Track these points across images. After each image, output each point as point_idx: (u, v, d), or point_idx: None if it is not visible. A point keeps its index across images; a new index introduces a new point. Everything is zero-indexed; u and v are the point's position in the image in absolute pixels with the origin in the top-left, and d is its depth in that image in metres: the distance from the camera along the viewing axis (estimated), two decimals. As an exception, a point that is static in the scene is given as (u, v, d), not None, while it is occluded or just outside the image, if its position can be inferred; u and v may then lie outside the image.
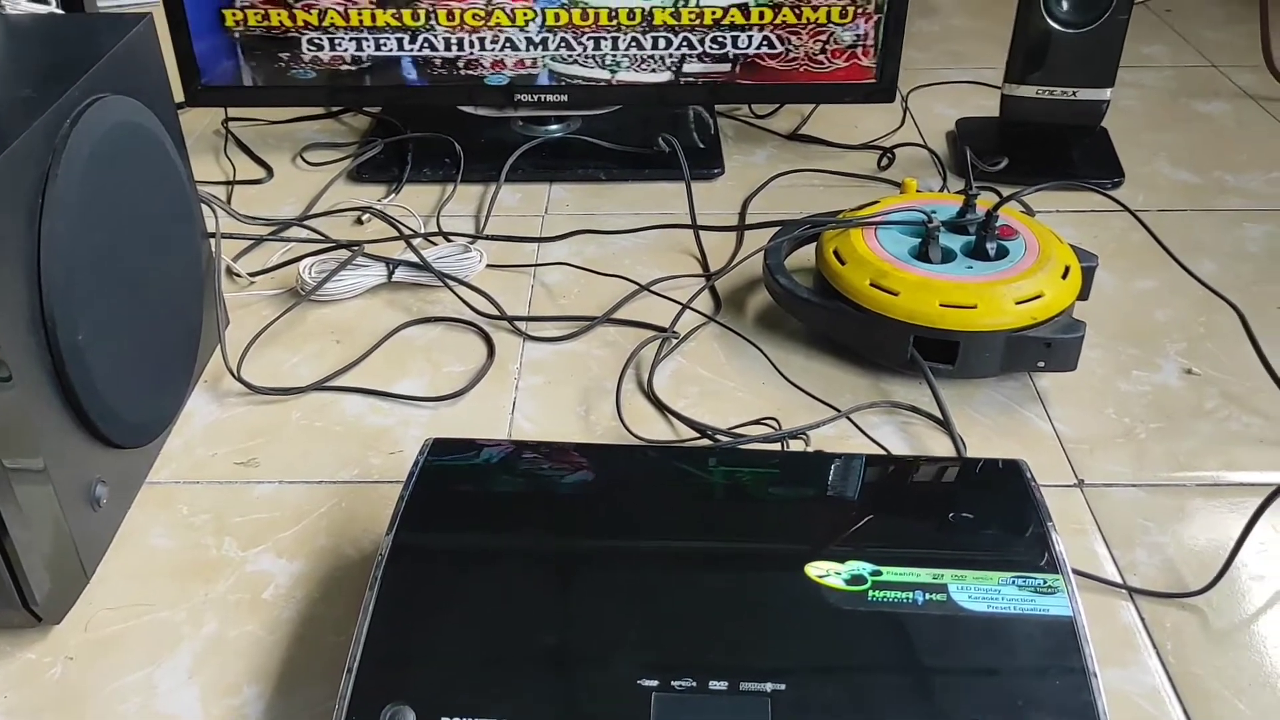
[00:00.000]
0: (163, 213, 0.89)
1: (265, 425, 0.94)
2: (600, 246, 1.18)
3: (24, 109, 0.73)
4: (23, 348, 0.71)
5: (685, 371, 1.00)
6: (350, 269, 1.09)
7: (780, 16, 1.23)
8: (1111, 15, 1.20)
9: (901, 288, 0.95)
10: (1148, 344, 1.02)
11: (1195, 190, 1.27)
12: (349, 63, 1.25)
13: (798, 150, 1.37)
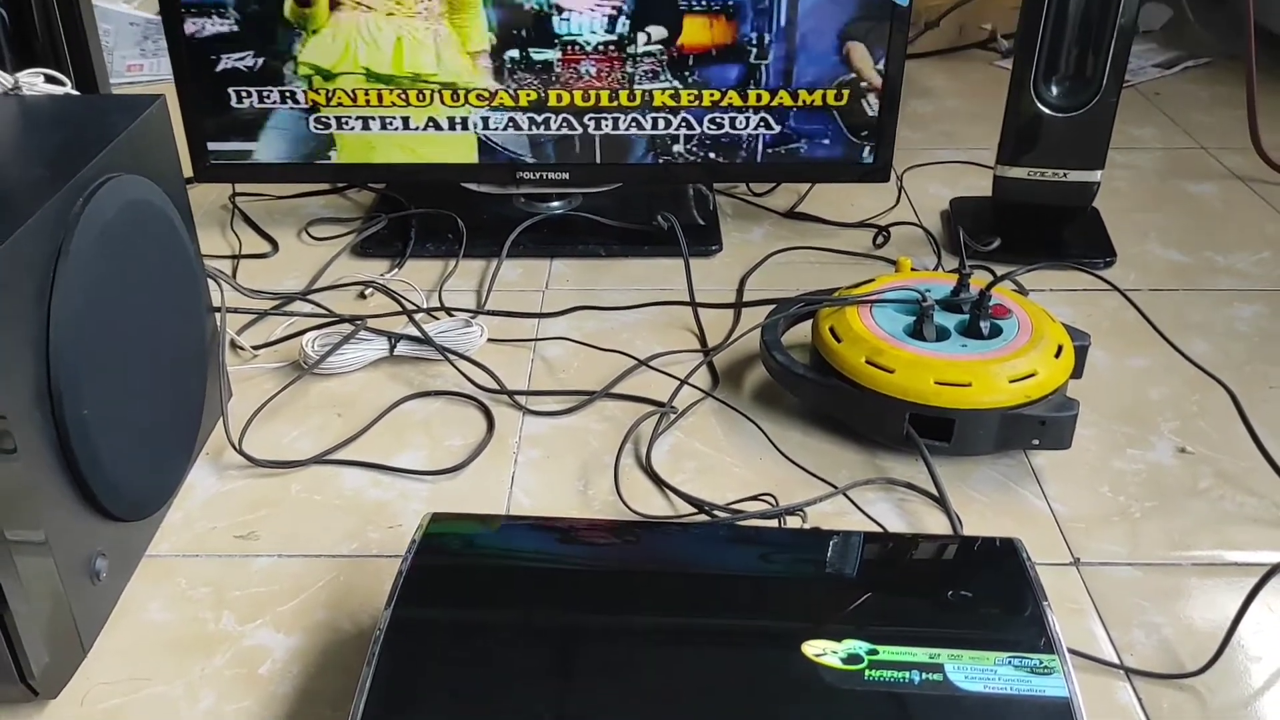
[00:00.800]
0: (170, 288, 0.91)
1: (265, 498, 0.95)
2: (600, 321, 1.20)
3: (39, 188, 0.75)
4: (29, 420, 0.72)
5: (683, 446, 1.01)
6: (353, 343, 1.10)
7: (777, 99, 1.26)
8: (1101, 99, 1.23)
9: (897, 365, 0.96)
10: (1141, 422, 1.03)
11: (1186, 270, 1.29)
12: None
13: (794, 228, 1.39)
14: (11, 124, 0.85)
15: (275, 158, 1.30)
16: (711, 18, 1.11)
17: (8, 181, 0.77)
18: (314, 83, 1.24)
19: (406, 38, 1.18)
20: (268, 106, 1.26)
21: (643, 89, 1.24)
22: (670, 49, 1.18)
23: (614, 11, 1.09)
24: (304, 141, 1.29)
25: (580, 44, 1.16)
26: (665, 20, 1.15)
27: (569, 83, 1.23)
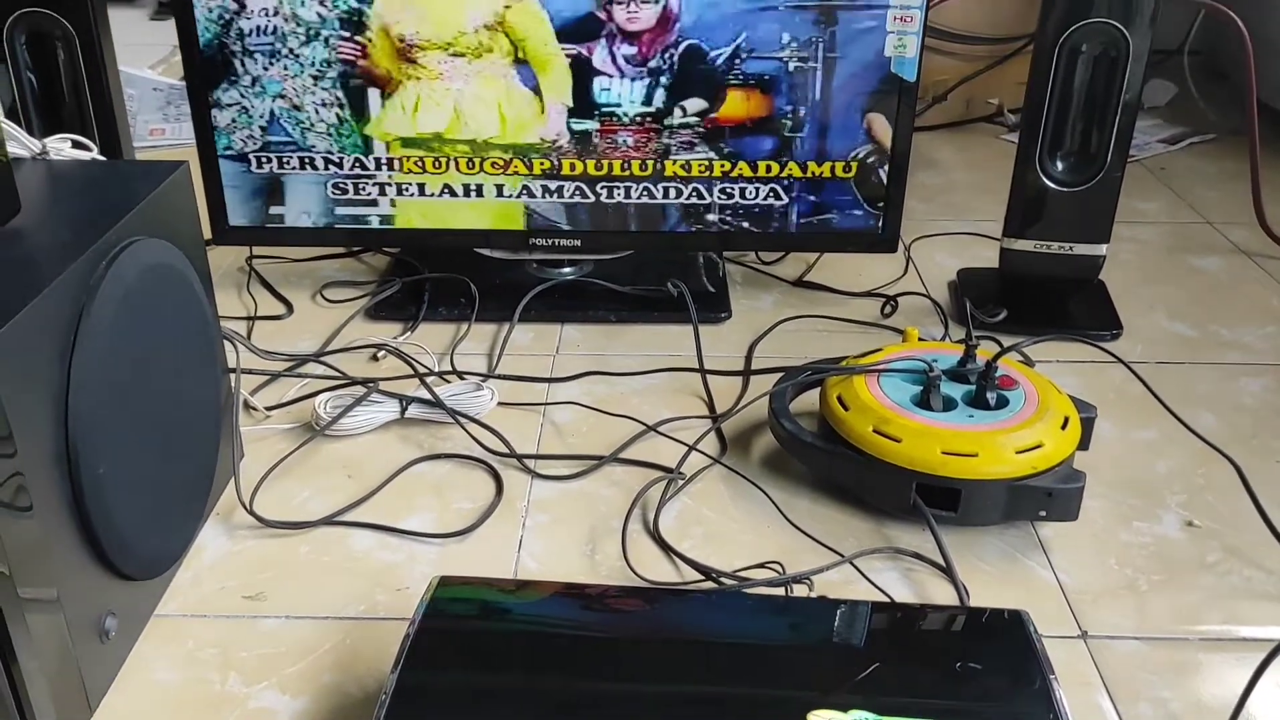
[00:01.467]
0: (187, 350, 0.92)
1: (274, 559, 0.95)
2: (609, 386, 1.21)
3: (63, 251, 0.76)
4: (46, 479, 0.73)
5: (691, 512, 1.01)
6: (364, 405, 1.12)
7: (787, 170, 1.28)
8: (1106, 174, 1.25)
9: (904, 435, 0.96)
10: (1148, 495, 1.04)
11: (1192, 343, 1.30)
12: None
13: (803, 296, 1.41)
14: (39, 188, 0.87)
15: (293, 222, 1.32)
16: (748, 91, 1.12)
17: (34, 245, 0.78)
18: (372, 148, 1.26)
19: (462, 105, 1.21)
20: (286, 172, 1.29)
21: (679, 160, 1.25)
22: (707, 121, 1.20)
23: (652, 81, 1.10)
24: (326, 206, 1.31)
25: (618, 115, 1.18)
26: (706, 93, 1.16)
27: (606, 152, 1.26)
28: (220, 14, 1.17)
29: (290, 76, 1.21)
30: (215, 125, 1.25)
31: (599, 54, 1.09)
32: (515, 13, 1.07)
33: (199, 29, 1.20)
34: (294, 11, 1.17)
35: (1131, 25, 1.18)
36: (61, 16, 1.19)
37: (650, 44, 1.04)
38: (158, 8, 2.68)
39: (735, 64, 1.10)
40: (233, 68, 1.22)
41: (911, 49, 1.23)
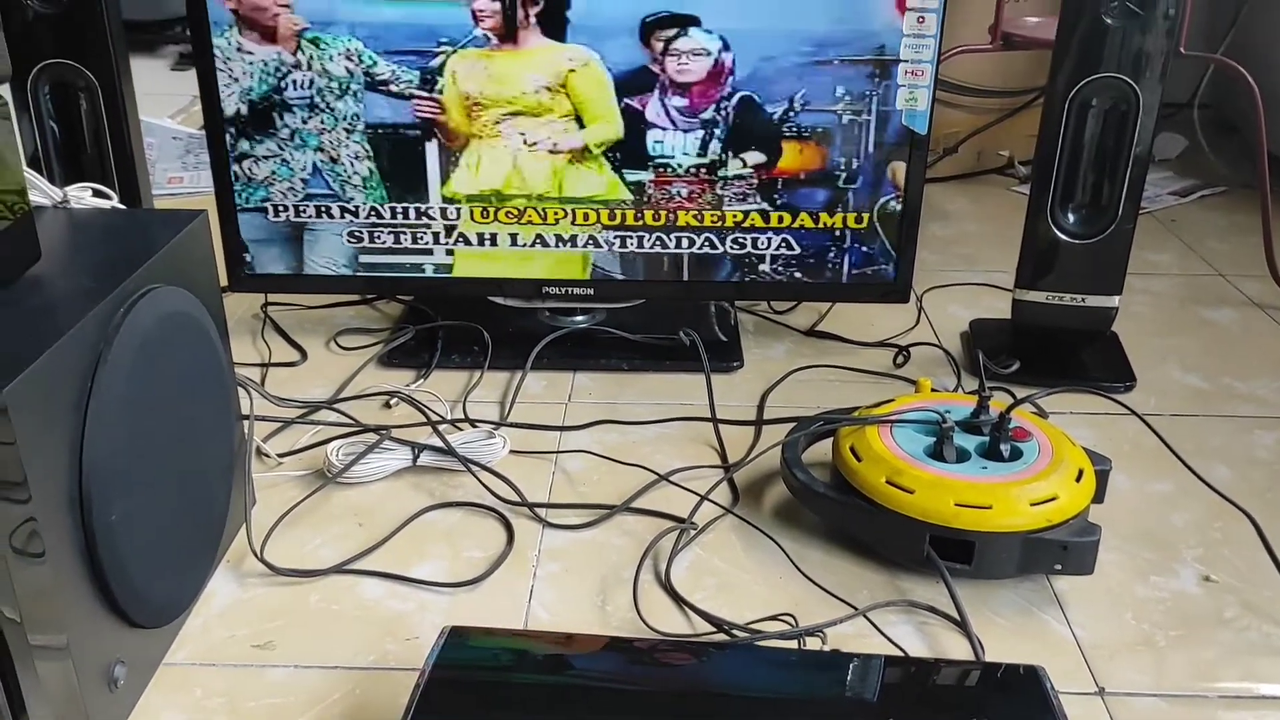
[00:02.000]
0: (202, 397, 0.93)
1: (284, 607, 0.95)
2: (621, 435, 1.21)
3: (81, 299, 0.77)
4: (58, 526, 0.73)
5: (703, 563, 1.01)
6: (376, 452, 1.12)
7: (799, 221, 1.29)
8: (1118, 226, 1.26)
9: (917, 486, 0.96)
10: (1164, 549, 1.03)
11: (1206, 396, 1.30)
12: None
13: (815, 346, 1.41)
14: (60, 236, 0.88)
15: (282, 267, 1.33)
16: (803, 143, 1.12)
17: (53, 292, 0.79)
18: (434, 199, 1.28)
19: (520, 161, 1.23)
20: (302, 221, 1.30)
21: (733, 210, 1.26)
22: (762, 173, 1.20)
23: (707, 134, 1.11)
24: (342, 254, 1.32)
25: (672, 166, 1.18)
26: (763, 146, 1.17)
27: (660, 203, 1.27)
28: (277, 68, 1.19)
29: (326, 130, 1.22)
30: (252, 178, 1.27)
31: (652, 107, 1.10)
32: (579, 76, 1.08)
33: (255, 81, 1.22)
34: (324, 67, 1.19)
35: (1141, 80, 1.19)
36: (85, 67, 1.21)
37: (701, 96, 1.04)
38: (179, 59, 2.72)
39: (790, 116, 1.10)
40: (271, 120, 1.24)
41: (923, 102, 1.24)
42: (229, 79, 1.22)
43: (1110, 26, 1.18)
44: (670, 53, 1.07)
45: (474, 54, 1.15)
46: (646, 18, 1.03)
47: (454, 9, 1.10)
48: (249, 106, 1.23)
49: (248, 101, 1.23)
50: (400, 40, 1.15)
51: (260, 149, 1.25)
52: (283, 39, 1.18)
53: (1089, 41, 1.19)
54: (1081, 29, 1.19)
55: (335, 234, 1.30)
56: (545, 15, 1.10)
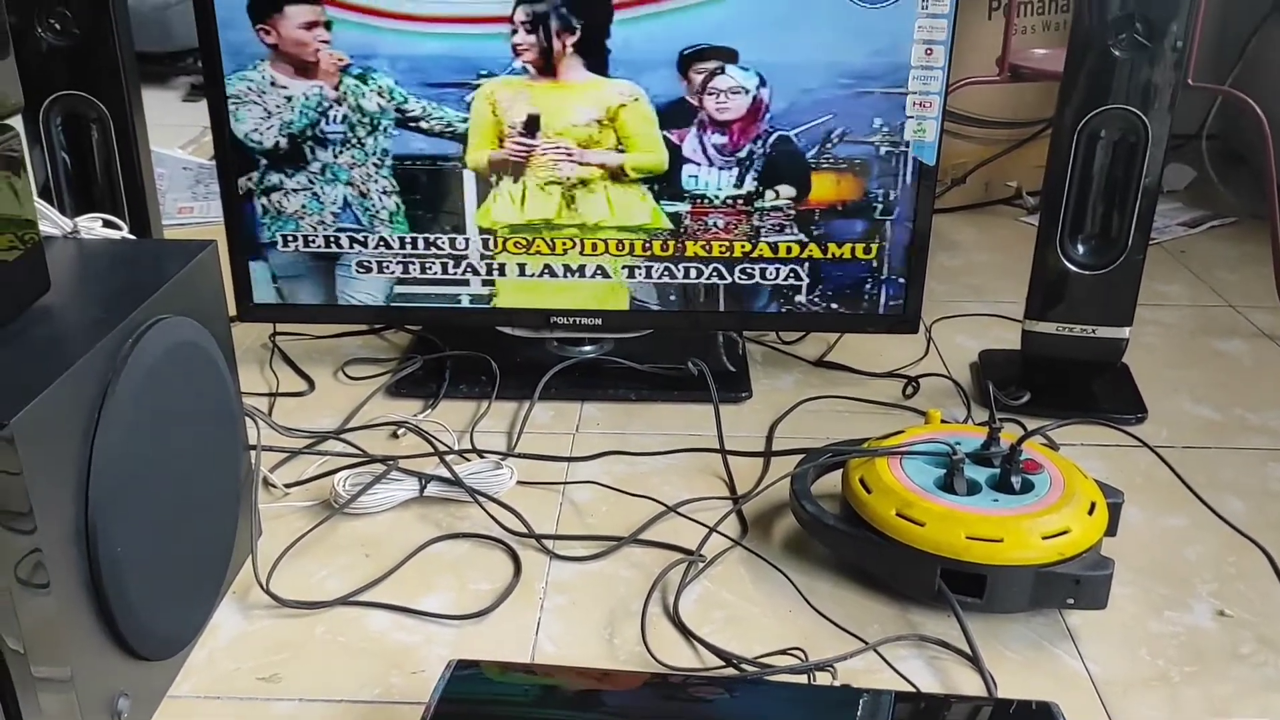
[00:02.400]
0: (209, 427, 0.92)
1: (290, 639, 0.94)
2: (629, 466, 1.20)
3: (90, 329, 0.77)
4: (63, 557, 0.72)
5: (711, 596, 1.00)
6: (383, 483, 1.11)
7: (807, 251, 1.29)
8: (1127, 257, 1.25)
9: (928, 518, 0.95)
10: (1178, 583, 1.02)
11: (1218, 427, 1.29)
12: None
13: (824, 376, 1.40)
14: (69, 266, 0.89)
15: (312, 299, 1.33)
16: (839, 175, 1.13)
17: (62, 322, 0.79)
18: (472, 231, 1.28)
19: (565, 188, 1.24)
20: (314, 250, 1.30)
21: (769, 241, 1.25)
22: (799, 204, 1.20)
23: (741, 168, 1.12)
24: (379, 287, 1.32)
25: (709, 198, 1.18)
26: (795, 179, 1.17)
27: (696, 234, 1.27)
28: (318, 102, 1.20)
29: (356, 165, 1.23)
30: (281, 210, 1.27)
31: (689, 142, 1.10)
32: (629, 110, 1.10)
33: (295, 115, 1.22)
34: (358, 102, 1.20)
35: (1150, 111, 1.19)
36: (97, 99, 1.22)
37: (740, 134, 1.04)
38: (190, 90, 2.74)
39: (827, 148, 1.10)
40: (304, 154, 1.24)
41: (931, 133, 1.24)
42: (263, 112, 1.22)
43: (1118, 58, 1.18)
44: (709, 90, 1.07)
45: (517, 83, 1.16)
46: (684, 50, 1.04)
47: (494, 42, 1.11)
48: (288, 140, 1.23)
49: (287, 135, 1.23)
50: (441, 73, 1.16)
51: (291, 182, 1.26)
52: (324, 74, 1.19)
53: (1097, 73, 1.19)
54: (1090, 61, 1.19)
55: (366, 266, 1.30)
56: (584, 47, 1.10)
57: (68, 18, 1.18)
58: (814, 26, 1.14)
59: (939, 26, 1.20)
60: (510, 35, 1.12)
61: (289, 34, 1.15)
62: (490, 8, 1.08)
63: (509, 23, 1.09)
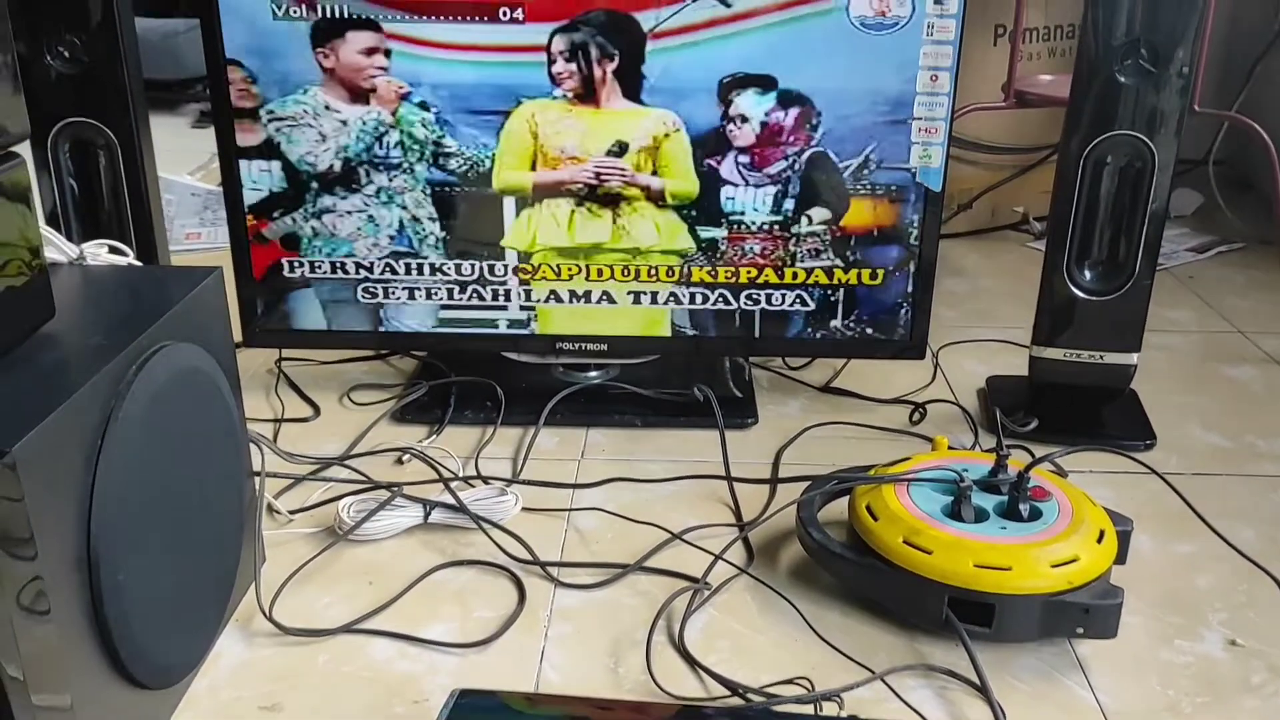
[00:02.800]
0: (212, 453, 0.92)
1: (292, 668, 0.93)
2: (634, 493, 1.19)
3: (93, 356, 0.77)
4: (65, 584, 0.72)
5: (717, 624, 0.99)
6: (388, 510, 1.11)
7: (813, 277, 1.29)
8: (1135, 283, 1.25)
9: (935, 546, 0.94)
10: (1189, 612, 1.01)
11: (1228, 454, 1.28)
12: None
13: (830, 402, 1.40)
14: (74, 293, 0.89)
15: (359, 326, 1.33)
16: (876, 200, 1.14)
17: (66, 349, 0.79)
18: (510, 257, 1.28)
19: (621, 217, 1.24)
20: (319, 276, 1.31)
21: (806, 266, 1.26)
22: (834, 229, 1.21)
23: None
24: (356, 310, 1.32)
25: (745, 223, 1.19)
26: (831, 203, 1.18)
27: (734, 259, 1.27)
28: (375, 126, 1.21)
29: (407, 189, 1.24)
30: (335, 233, 1.28)
31: (727, 165, 1.12)
32: (671, 141, 1.12)
33: (352, 139, 1.23)
34: (410, 131, 1.21)
35: (1156, 137, 1.19)
36: (105, 126, 1.22)
37: (764, 155, 1.06)
38: (199, 116, 2.76)
39: (863, 174, 1.11)
40: (358, 177, 1.25)
41: (936, 159, 1.24)
42: (318, 135, 1.23)
43: (1124, 85, 1.18)
44: (728, 118, 1.10)
45: (559, 106, 1.17)
46: (724, 78, 1.06)
47: (533, 70, 1.12)
48: (343, 164, 1.24)
49: (343, 159, 1.24)
50: (482, 101, 1.17)
51: (345, 204, 1.26)
52: (383, 100, 1.20)
53: (1103, 99, 1.19)
54: (1095, 87, 1.19)
55: (419, 293, 1.30)
56: (621, 75, 1.12)
57: (77, 45, 1.19)
58: (848, 53, 1.15)
59: (944, 53, 1.21)
60: (549, 64, 1.13)
61: (348, 59, 1.16)
62: (529, 37, 1.10)
63: (545, 52, 1.10)
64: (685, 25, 1.06)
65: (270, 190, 1.27)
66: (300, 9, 1.19)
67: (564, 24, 1.13)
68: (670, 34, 1.06)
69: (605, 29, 1.13)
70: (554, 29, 1.15)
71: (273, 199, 1.27)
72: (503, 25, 1.15)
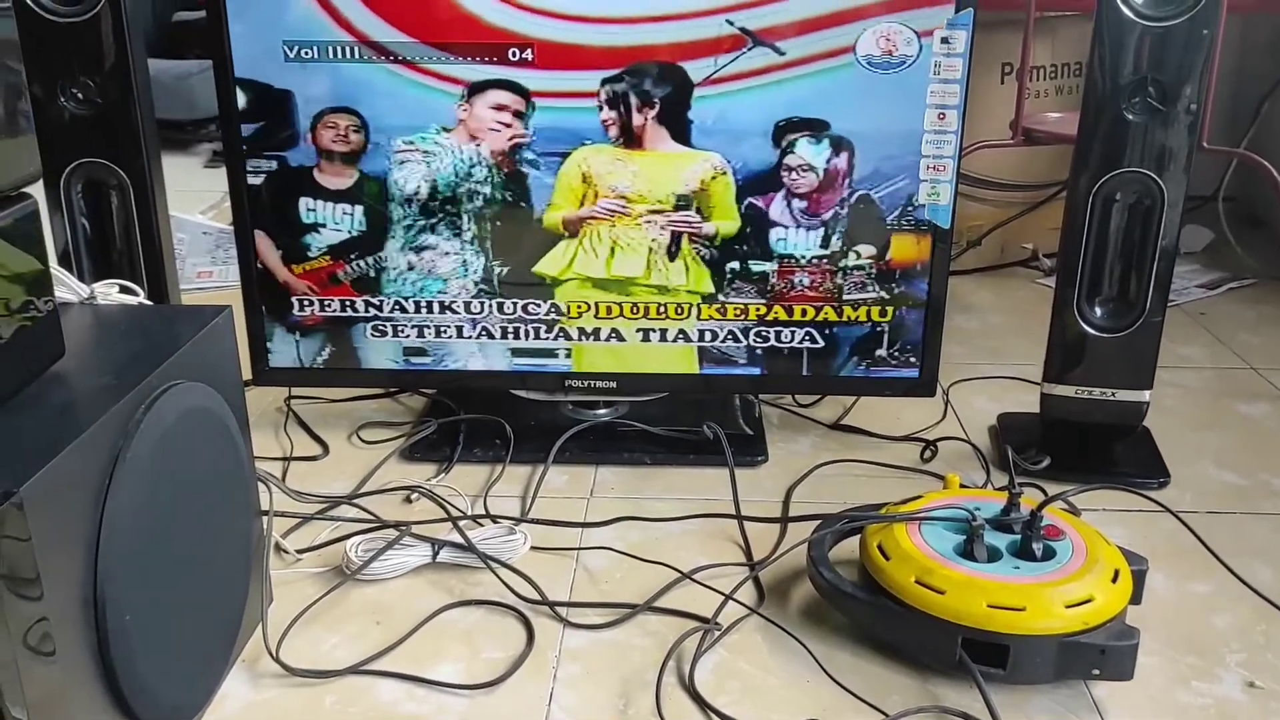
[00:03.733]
0: (220, 492, 0.92)
1: (298, 711, 0.93)
2: (644, 531, 1.19)
3: (102, 395, 0.77)
4: (71, 624, 0.72)
5: (727, 665, 0.98)
6: (396, 549, 1.10)
7: (823, 314, 1.28)
8: (1146, 320, 1.24)
9: (948, 586, 0.94)
10: (1206, 653, 0.99)
11: (1243, 492, 1.27)
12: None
13: (841, 439, 1.39)
14: (85, 332, 0.89)
15: (334, 363, 1.33)
16: (919, 236, 1.17)
17: (75, 388, 0.79)
18: (545, 292, 1.29)
19: (657, 252, 1.26)
20: (329, 314, 1.31)
21: (852, 299, 1.26)
22: (880, 263, 1.23)
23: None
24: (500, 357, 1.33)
25: (795, 257, 1.22)
26: (875, 239, 1.21)
27: (783, 293, 1.27)
28: (470, 158, 1.23)
29: (487, 237, 1.27)
30: (433, 272, 1.28)
31: (776, 206, 1.16)
32: (718, 182, 1.17)
33: (441, 166, 1.24)
34: (469, 170, 1.23)
35: (1165, 174, 1.19)
36: (118, 166, 1.23)
37: (819, 201, 1.10)
38: (211, 156, 2.78)
39: (908, 210, 1.15)
40: (457, 224, 1.26)
41: (945, 197, 1.24)
42: (427, 171, 1.25)
43: (1132, 122, 1.18)
44: (784, 168, 1.14)
45: (609, 150, 1.21)
46: (779, 122, 1.11)
47: (590, 115, 1.18)
48: (440, 201, 1.26)
49: (441, 197, 1.26)
50: (543, 144, 1.21)
51: (446, 244, 1.27)
52: (497, 155, 1.22)
53: (1111, 137, 1.19)
54: (1104, 125, 1.19)
55: (490, 332, 1.31)
56: (666, 119, 1.16)
57: (91, 87, 1.20)
58: (893, 98, 1.18)
59: (951, 92, 1.21)
60: (599, 110, 1.18)
61: (480, 113, 1.20)
62: (586, 84, 1.16)
63: (597, 98, 1.16)
64: (740, 72, 1.10)
65: (350, 233, 1.28)
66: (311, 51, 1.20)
67: (612, 74, 1.17)
68: (726, 80, 1.10)
69: (648, 78, 1.17)
70: (603, 78, 1.19)
71: (352, 242, 1.28)
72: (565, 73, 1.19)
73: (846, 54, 1.16)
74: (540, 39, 1.18)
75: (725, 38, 1.15)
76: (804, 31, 1.17)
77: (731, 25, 1.11)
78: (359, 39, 1.20)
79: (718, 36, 1.15)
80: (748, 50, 1.11)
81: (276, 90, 1.22)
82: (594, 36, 1.18)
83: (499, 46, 1.19)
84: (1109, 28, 1.16)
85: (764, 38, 1.11)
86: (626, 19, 1.17)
